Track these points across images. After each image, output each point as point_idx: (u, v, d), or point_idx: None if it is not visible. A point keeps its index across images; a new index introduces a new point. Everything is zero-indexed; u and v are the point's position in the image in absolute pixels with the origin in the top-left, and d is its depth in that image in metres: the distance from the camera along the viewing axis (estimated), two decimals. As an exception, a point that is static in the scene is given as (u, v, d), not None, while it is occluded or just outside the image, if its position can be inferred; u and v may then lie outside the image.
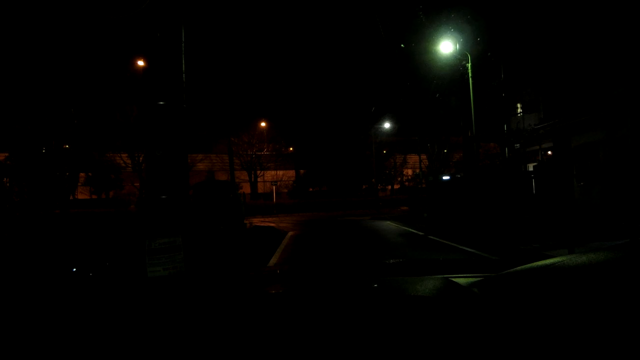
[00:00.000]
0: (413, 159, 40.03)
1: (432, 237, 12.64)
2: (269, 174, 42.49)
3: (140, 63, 19.83)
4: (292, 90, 65.51)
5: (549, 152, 21.26)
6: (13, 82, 22.18)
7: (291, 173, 45.00)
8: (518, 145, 21.47)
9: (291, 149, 45.50)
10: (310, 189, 44.56)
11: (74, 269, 2.24)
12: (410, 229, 15.70)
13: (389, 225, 18.49)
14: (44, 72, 23.41)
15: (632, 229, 10.72)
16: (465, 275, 1.64)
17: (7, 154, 25.90)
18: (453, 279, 1.54)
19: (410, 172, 43.08)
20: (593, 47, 15.43)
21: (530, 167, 20.39)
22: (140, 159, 30.70)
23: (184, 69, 2.20)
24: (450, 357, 0.92)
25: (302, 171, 45.53)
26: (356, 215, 27.86)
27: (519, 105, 22.90)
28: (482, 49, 17.83)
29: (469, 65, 16.78)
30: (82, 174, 32.80)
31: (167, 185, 2.09)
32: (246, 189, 38.13)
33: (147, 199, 2.12)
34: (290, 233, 15.53)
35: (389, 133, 37.45)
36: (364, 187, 43.32)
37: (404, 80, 24.65)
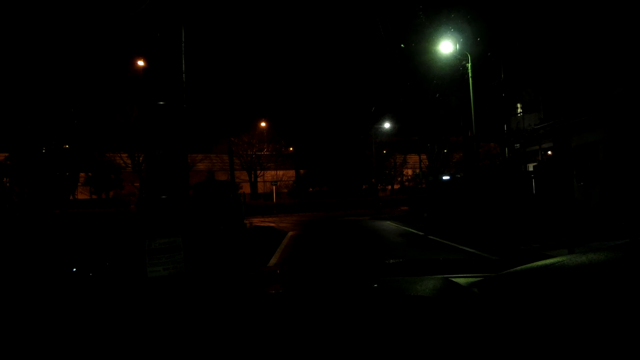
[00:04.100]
0: (413, 159, 40.01)
1: (432, 237, 12.63)
2: (269, 174, 42.48)
3: (140, 63, 19.83)
4: (292, 90, 65.62)
5: (549, 152, 21.24)
6: (13, 82, 22.19)
7: (291, 173, 44.99)
8: (518, 145, 21.46)
9: (291, 149, 45.50)
10: (310, 189, 44.54)
11: (74, 269, 2.24)
12: (410, 229, 15.69)
13: (389, 225, 18.49)
14: (44, 72, 23.43)
15: (632, 229, 10.72)
16: (465, 275, 1.64)
17: (7, 154, 25.90)
18: (453, 279, 1.54)
19: (410, 172, 43.05)
20: (593, 47, 15.43)
21: (530, 167, 20.38)
22: (140, 159, 30.70)
23: (184, 69, 2.20)
24: (450, 357, 0.92)
25: (302, 171, 45.52)
26: (356, 215, 27.85)
27: (519, 105, 22.89)
28: (482, 49, 17.83)
29: (469, 65, 16.78)
30: (82, 174, 32.81)
31: (167, 185, 2.09)
32: (246, 189, 38.11)
33: (147, 199, 2.12)
34: (290, 233, 15.53)
35: (389, 133, 37.44)
36: (364, 187, 43.31)
37: (404, 80, 24.64)
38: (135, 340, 1.08)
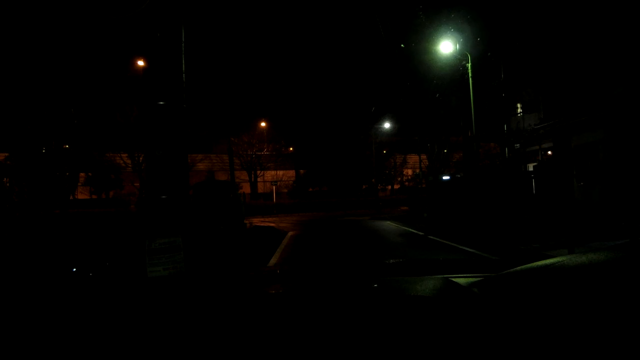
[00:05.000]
0: (413, 159, 40.01)
1: (432, 237, 12.63)
2: (269, 174, 42.48)
3: (140, 63, 19.84)
4: (292, 90, 65.65)
5: (549, 152, 21.25)
6: (13, 82, 22.18)
7: (291, 173, 44.99)
8: (518, 145, 21.47)
9: (291, 149, 45.51)
10: (310, 189, 44.55)
11: (74, 269, 2.24)
12: (410, 229, 15.69)
13: (389, 225, 18.49)
14: (44, 72, 23.43)
15: (632, 229, 10.72)
16: (465, 275, 1.64)
17: (7, 154, 25.90)
18: (453, 279, 1.54)
19: (410, 172, 43.06)
20: (593, 47, 15.43)
21: (530, 167, 20.38)
22: (140, 159, 30.70)
23: (184, 69, 2.20)
24: (450, 357, 0.92)
25: (302, 171, 45.53)
26: (356, 215, 27.85)
27: (519, 105, 22.89)
28: (482, 49, 17.83)
29: (469, 65, 16.78)
30: (82, 174, 32.81)
31: (167, 185, 2.09)
32: (246, 189, 38.12)
33: (147, 199, 2.12)
34: (290, 233, 15.53)
35: (389, 133, 37.44)
36: (364, 187, 43.32)
37: (404, 80, 24.64)
38: (135, 340, 1.08)
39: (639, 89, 13.85)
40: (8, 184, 22.04)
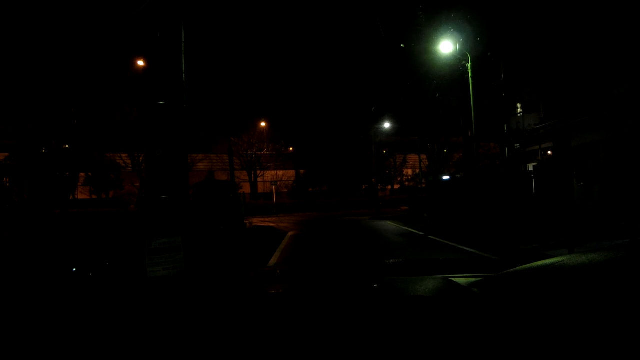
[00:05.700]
0: (413, 159, 40.01)
1: (432, 237, 12.63)
2: (269, 174, 42.49)
3: (140, 63, 19.85)
4: (291, 90, 65.59)
5: (549, 152, 21.25)
6: (13, 82, 22.19)
7: (291, 173, 45.00)
8: (518, 145, 21.47)
9: (291, 149, 45.51)
10: (310, 189, 44.54)
11: (74, 269, 2.24)
12: (410, 229, 15.69)
13: (389, 225, 18.49)
14: (44, 72, 23.43)
15: (632, 229, 10.72)
16: (465, 275, 1.64)
17: (7, 154, 25.91)
18: (453, 279, 1.54)
19: (410, 172, 43.08)
20: (593, 47, 15.43)
21: (530, 167, 20.38)
22: (140, 159, 30.71)
23: (184, 69, 2.20)
24: (450, 357, 0.92)
25: (302, 171, 45.54)
26: (356, 215, 27.86)
27: (519, 105, 22.90)
28: (482, 49, 17.82)
29: (469, 65, 16.77)
30: (82, 174, 32.80)
31: (167, 185, 2.09)
32: (246, 189, 38.14)
33: (147, 199, 2.12)
34: (290, 233, 15.53)
35: (389, 133, 37.46)
36: (364, 187, 43.32)
37: (404, 80, 24.61)
38: (135, 340, 1.08)
39: (639, 89, 13.86)
40: (8, 184, 22.07)
